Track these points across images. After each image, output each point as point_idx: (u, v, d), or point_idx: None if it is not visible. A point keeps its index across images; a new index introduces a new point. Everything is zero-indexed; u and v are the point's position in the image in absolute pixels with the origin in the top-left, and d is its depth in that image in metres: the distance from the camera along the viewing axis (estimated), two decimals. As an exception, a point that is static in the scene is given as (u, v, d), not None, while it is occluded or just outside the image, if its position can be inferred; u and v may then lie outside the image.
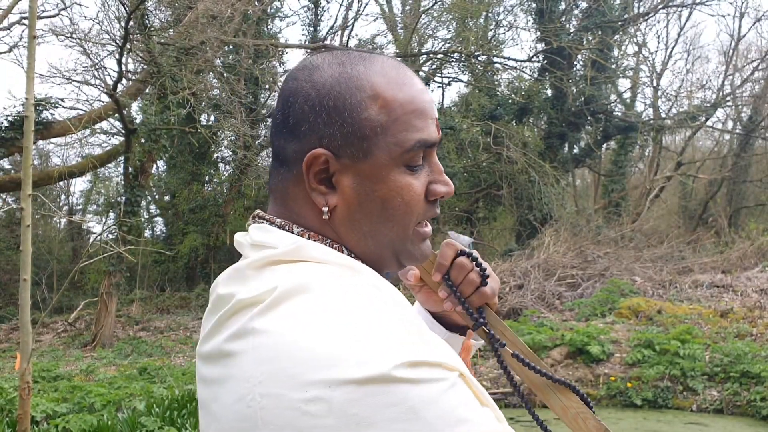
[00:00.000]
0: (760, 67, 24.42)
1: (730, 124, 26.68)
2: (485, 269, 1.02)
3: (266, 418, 0.70)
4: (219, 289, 0.82)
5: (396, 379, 0.67)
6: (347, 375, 0.67)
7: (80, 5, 22.66)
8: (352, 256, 0.87)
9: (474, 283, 1.01)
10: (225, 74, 15.91)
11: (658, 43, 35.84)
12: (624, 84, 23.84)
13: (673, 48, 26.94)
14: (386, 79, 0.85)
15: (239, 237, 0.89)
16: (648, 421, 8.42)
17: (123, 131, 14.99)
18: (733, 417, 8.43)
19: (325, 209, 0.84)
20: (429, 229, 0.91)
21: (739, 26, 26.23)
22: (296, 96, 0.85)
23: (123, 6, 13.42)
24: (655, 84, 24.77)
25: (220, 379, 0.76)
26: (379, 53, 0.93)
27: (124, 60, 13.65)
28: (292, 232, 0.86)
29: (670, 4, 22.32)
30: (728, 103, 24.75)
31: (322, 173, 0.84)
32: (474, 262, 1.01)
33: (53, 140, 18.07)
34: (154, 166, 19.20)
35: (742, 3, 28.40)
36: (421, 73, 20.00)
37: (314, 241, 0.85)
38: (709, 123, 24.83)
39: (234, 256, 3.22)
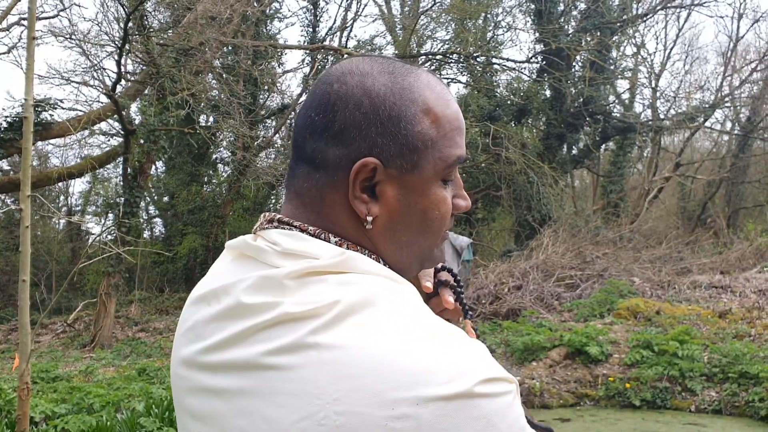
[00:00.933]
0: (758, 68, 24.47)
1: (728, 125, 26.75)
2: (462, 287, 1.06)
3: None
4: (243, 297, 0.78)
5: (478, 394, 0.69)
6: (436, 392, 0.68)
7: (79, 6, 22.68)
8: (387, 266, 0.87)
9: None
10: (224, 75, 15.94)
11: (657, 44, 35.97)
12: (623, 85, 23.93)
13: (671, 49, 27.03)
14: (435, 95, 0.86)
15: (261, 244, 0.85)
16: (646, 422, 8.43)
17: (122, 132, 15.00)
18: (731, 417, 8.43)
19: (370, 218, 0.84)
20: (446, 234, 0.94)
21: (738, 27, 26.30)
22: (346, 101, 0.83)
23: (122, 7, 13.44)
24: (653, 85, 24.84)
25: (256, 391, 0.73)
26: (418, 66, 0.94)
27: (123, 61, 13.67)
28: (329, 242, 0.84)
29: (669, 5, 22.36)
30: (727, 104, 24.80)
31: (366, 181, 0.83)
32: (454, 279, 1.06)
33: (52, 141, 18.08)
34: (154, 167, 19.20)
35: (741, 4, 28.49)
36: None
37: (356, 251, 0.84)
38: (707, 124, 24.91)
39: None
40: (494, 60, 20.17)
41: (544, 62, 20.51)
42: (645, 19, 22.63)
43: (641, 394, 9.02)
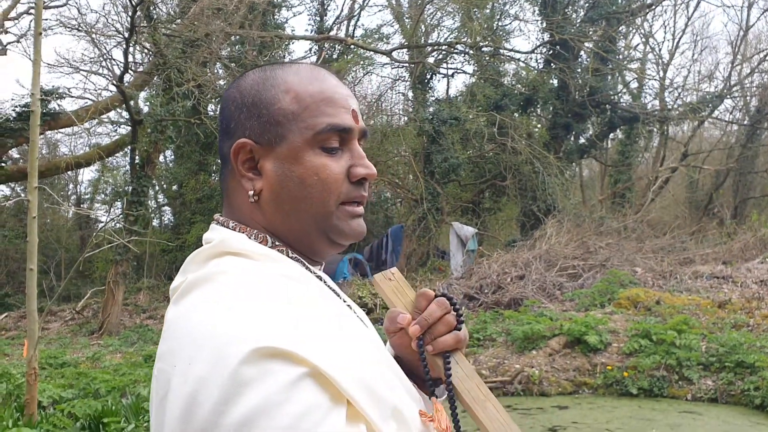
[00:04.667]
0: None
1: (737, 115, 26.58)
2: (462, 314, 1.06)
3: (156, 388, 0.83)
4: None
5: (239, 363, 0.75)
6: (205, 355, 0.77)
7: (88, -5, 22.78)
8: (277, 243, 0.97)
9: (450, 325, 1.04)
10: (230, 65, 16.02)
11: (665, 33, 35.59)
12: (631, 74, 23.79)
13: (680, 38, 26.85)
14: (299, 77, 0.97)
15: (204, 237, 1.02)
16: (643, 410, 8.52)
17: (130, 122, 15.15)
18: (726, 406, 8.51)
19: (251, 192, 0.96)
20: (359, 209, 1.00)
21: (748, 16, 26.00)
22: (227, 101, 0.99)
23: (129, -2, 13.55)
24: (661, 74, 24.71)
25: None
26: (301, 62, 1.08)
27: (130, 51, 13.80)
28: (228, 227, 0.98)
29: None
30: (735, 94, 24.64)
31: (249, 161, 0.96)
32: (453, 306, 1.05)
33: (61, 130, 18.26)
34: (162, 156, 19.36)
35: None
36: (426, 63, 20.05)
37: (242, 233, 0.96)
38: (716, 113, 24.76)
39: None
40: (501, 50, 20.15)
41: (551, 52, 20.47)
42: (652, 8, 22.51)
43: (638, 382, 9.10)
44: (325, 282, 1.01)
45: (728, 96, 23.99)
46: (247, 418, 0.73)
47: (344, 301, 1.03)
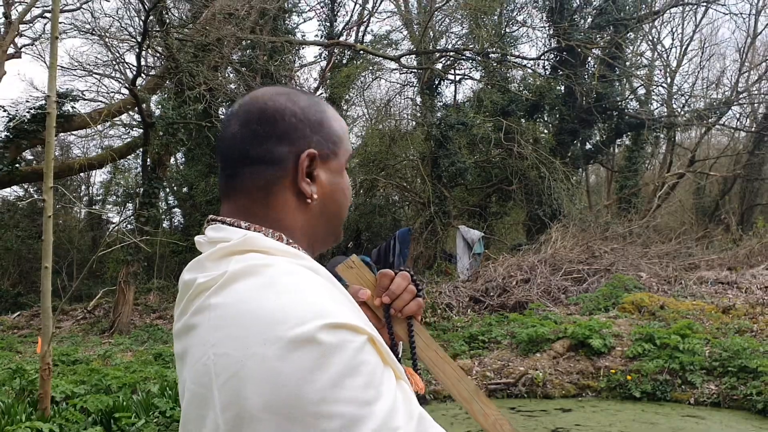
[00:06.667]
0: (776, 65, 24.28)
1: (745, 122, 26.57)
2: (420, 285, 1.25)
3: (217, 371, 0.88)
4: (183, 276, 1.02)
5: (316, 339, 0.85)
6: (280, 334, 0.85)
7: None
8: (290, 242, 1.07)
9: (413, 292, 1.23)
10: (241, 70, 16.20)
11: (673, 39, 35.56)
12: (638, 80, 23.82)
13: (687, 45, 26.86)
14: (333, 111, 1.17)
15: (198, 238, 1.09)
16: (646, 413, 8.59)
17: (142, 124, 15.33)
18: (729, 410, 8.57)
19: (315, 196, 1.09)
20: None
21: (755, 23, 25.99)
22: (282, 113, 1.09)
23: (142, 3, 13.75)
24: (669, 81, 24.73)
25: (186, 348, 0.95)
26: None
27: (143, 55, 13.99)
28: (240, 227, 1.06)
29: (683, 2, 22.25)
30: (743, 101, 24.62)
31: (308, 168, 1.09)
32: (412, 278, 1.24)
33: (74, 132, 18.49)
34: (173, 158, 19.52)
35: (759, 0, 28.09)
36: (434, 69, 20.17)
37: (258, 233, 1.04)
38: (724, 120, 24.73)
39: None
40: (507, 57, 20.25)
41: (558, 59, 20.56)
42: (660, 15, 22.54)
43: (642, 386, 9.17)
44: None
45: (735, 103, 23.98)
46: (336, 380, 0.84)
47: None
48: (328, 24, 22.62)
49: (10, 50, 15.57)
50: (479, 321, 12.41)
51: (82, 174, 21.78)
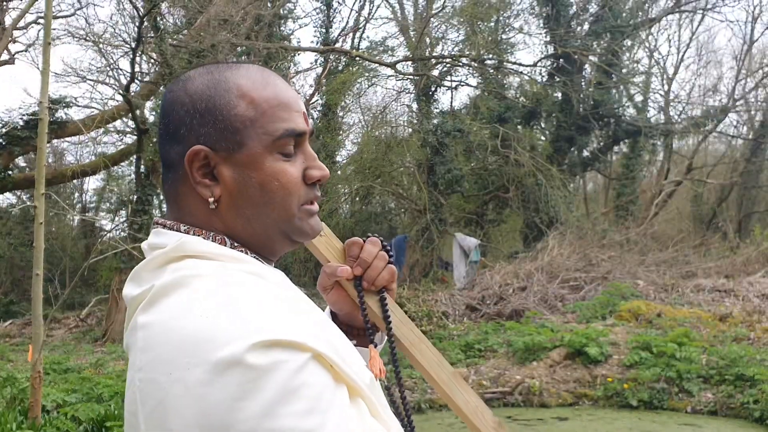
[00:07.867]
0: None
1: (742, 129, 26.62)
2: (391, 251, 1.15)
3: (143, 399, 0.80)
4: (124, 289, 0.93)
5: (246, 359, 0.75)
6: (206, 357, 0.76)
7: (95, 5, 23.02)
8: (236, 245, 0.96)
9: (384, 258, 1.13)
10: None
11: (670, 46, 35.66)
12: (635, 87, 23.88)
13: (684, 52, 26.91)
14: (251, 81, 0.96)
15: (143, 245, 0.98)
16: (643, 422, 8.55)
17: (135, 131, 15.28)
18: (726, 419, 8.53)
19: (211, 200, 0.94)
20: (315, 207, 1.01)
21: (752, 30, 26.06)
22: (173, 105, 0.96)
23: (136, 9, 13.71)
24: (666, 88, 24.79)
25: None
26: (246, 62, 1.06)
27: (137, 61, 13.95)
28: (179, 231, 0.95)
29: (680, 9, 22.34)
30: (740, 108, 24.69)
31: (204, 168, 0.94)
32: (382, 244, 1.15)
33: (67, 139, 18.41)
34: (167, 165, 19.38)
35: (755, 7, 28.22)
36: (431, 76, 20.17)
37: (198, 236, 0.95)
38: (721, 127, 24.79)
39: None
40: (504, 63, 20.26)
41: (554, 66, 20.58)
42: (657, 22, 22.62)
43: (639, 394, 9.12)
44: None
45: (733, 110, 24.05)
46: (267, 408, 0.75)
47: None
48: (323, 30, 22.58)
49: (4, 56, 15.49)
50: (475, 329, 12.34)
51: (75, 181, 21.68)
